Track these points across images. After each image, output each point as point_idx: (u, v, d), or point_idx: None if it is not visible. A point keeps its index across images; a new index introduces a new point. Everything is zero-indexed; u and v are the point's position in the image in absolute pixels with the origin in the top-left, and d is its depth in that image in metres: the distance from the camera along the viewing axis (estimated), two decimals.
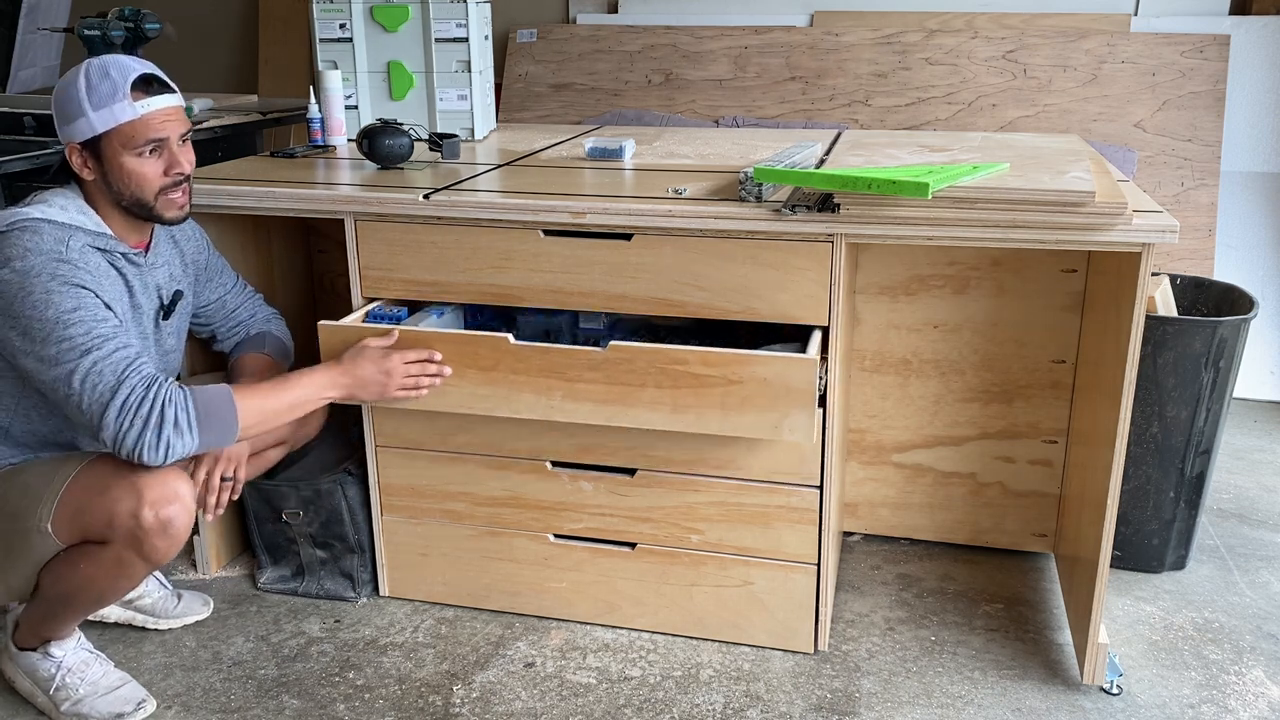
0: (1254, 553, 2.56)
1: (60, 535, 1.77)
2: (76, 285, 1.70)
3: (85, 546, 1.79)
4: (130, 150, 1.77)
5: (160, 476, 1.74)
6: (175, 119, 1.81)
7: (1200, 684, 2.06)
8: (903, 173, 1.82)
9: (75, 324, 1.68)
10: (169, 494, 1.74)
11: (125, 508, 1.72)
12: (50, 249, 1.71)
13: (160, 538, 1.74)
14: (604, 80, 4.02)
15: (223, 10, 4.82)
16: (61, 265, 1.70)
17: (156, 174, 1.80)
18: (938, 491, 2.53)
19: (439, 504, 2.26)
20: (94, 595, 1.84)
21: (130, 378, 1.69)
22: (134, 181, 1.79)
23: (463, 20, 2.65)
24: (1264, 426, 3.33)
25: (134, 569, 1.79)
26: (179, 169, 1.82)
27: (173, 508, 1.74)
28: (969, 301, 2.38)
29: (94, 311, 1.71)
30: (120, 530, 1.74)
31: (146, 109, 1.76)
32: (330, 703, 2.02)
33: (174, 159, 1.81)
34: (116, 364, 1.69)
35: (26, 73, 3.81)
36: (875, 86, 3.78)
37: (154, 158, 1.79)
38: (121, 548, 1.75)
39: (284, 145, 3.11)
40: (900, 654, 2.16)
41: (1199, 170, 3.50)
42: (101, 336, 1.69)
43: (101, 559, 1.78)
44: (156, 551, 1.76)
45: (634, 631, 2.23)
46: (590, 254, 2.02)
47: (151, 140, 1.78)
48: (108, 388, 1.67)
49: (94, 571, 1.79)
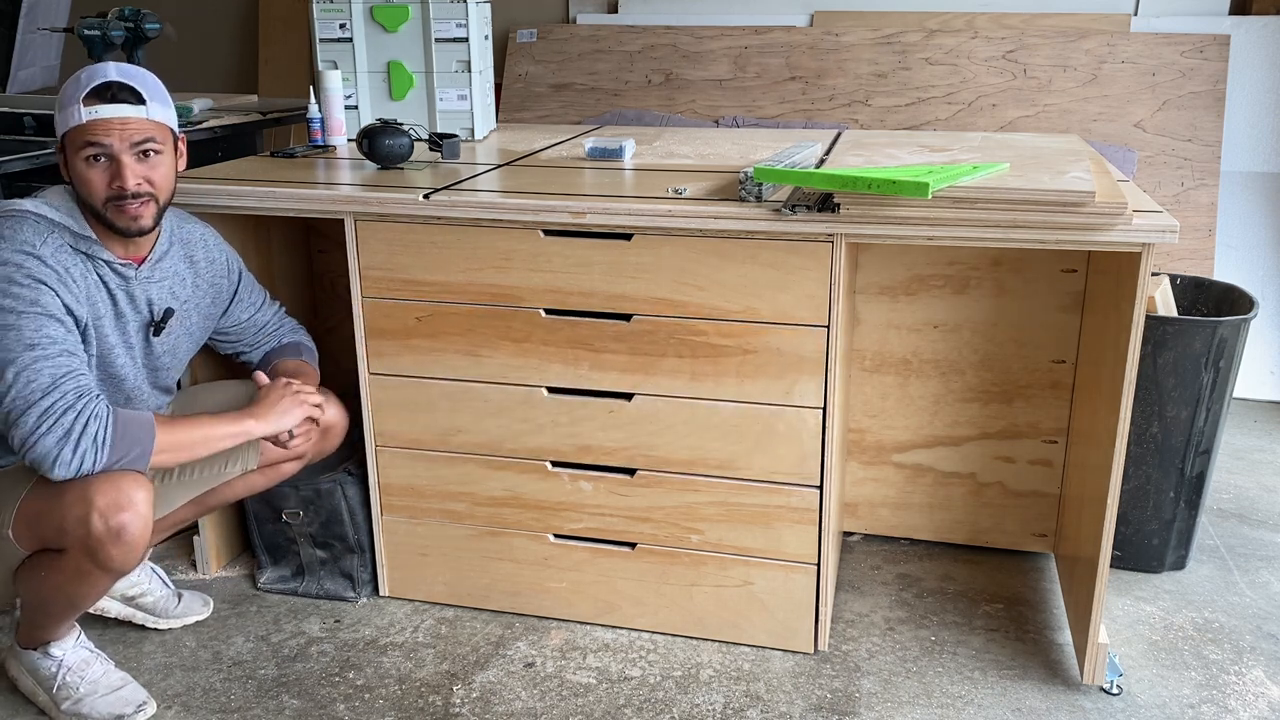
0: (1254, 553, 2.56)
1: (21, 543, 1.76)
2: (39, 281, 1.69)
3: (47, 554, 1.76)
4: (77, 154, 1.75)
5: (113, 482, 1.68)
6: (126, 129, 1.75)
7: (1200, 684, 2.06)
8: (903, 173, 1.82)
9: (27, 318, 1.66)
10: (121, 501, 1.68)
11: (75, 514, 1.68)
12: (25, 240, 1.70)
13: (114, 545, 1.69)
14: (604, 80, 4.02)
15: (223, 10, 4.82)
16: (29, 259, 1.69)
17: (102, 184, 1.76)
18: (938, 491, 2.53)
19: (439, 504, 2.26)
20: (64, 602, 1.83)
21: (65, 384, 1.66)
22: (84, 186, 1.77)
23: (463, 20, 2.65)
24: (1264, 426, 3.33)
25: (94, 577, 1.76)
26: (120, 183, 1.75)
27: (124, 515, 1.67)
28: (969, 301, 2.38)
29: (50, 310, 1.68)
30: (72, 538, 1.70)
31: (92, 115, 1.72)
32: (330, 703, 2.02)
33: (119, 172, 1.75)
34: (57, 368, 1.66)
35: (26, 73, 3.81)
36: (875, 86, 3.78)
37: (99, 166, 1.75)
38: (77, 556, 1.72)
39: (284, 145, 3.11)
40: (900, 654, 2.16)
41: (1199, 170, 3.50)
42: (51, 339, 1.67)
43: (62, 567, 1.75)
44: (112, 560, 1.70)
45: (634, 631, 2.23)
46: (590, 254, 2.03)
47: (90, 145, 1.73)
48: (39, 388, 1.64)
49: (58, 579, 1.77)
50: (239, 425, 1.88)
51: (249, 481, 2.13)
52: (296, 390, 1.98)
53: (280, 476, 2.17)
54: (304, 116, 2.72)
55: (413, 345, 2.17)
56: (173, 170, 1.86)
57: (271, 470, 2.14)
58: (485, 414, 2.17)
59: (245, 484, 2.13)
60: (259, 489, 2.18)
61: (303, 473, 2.27)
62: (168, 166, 1.84)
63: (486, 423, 2.18)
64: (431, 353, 2.17)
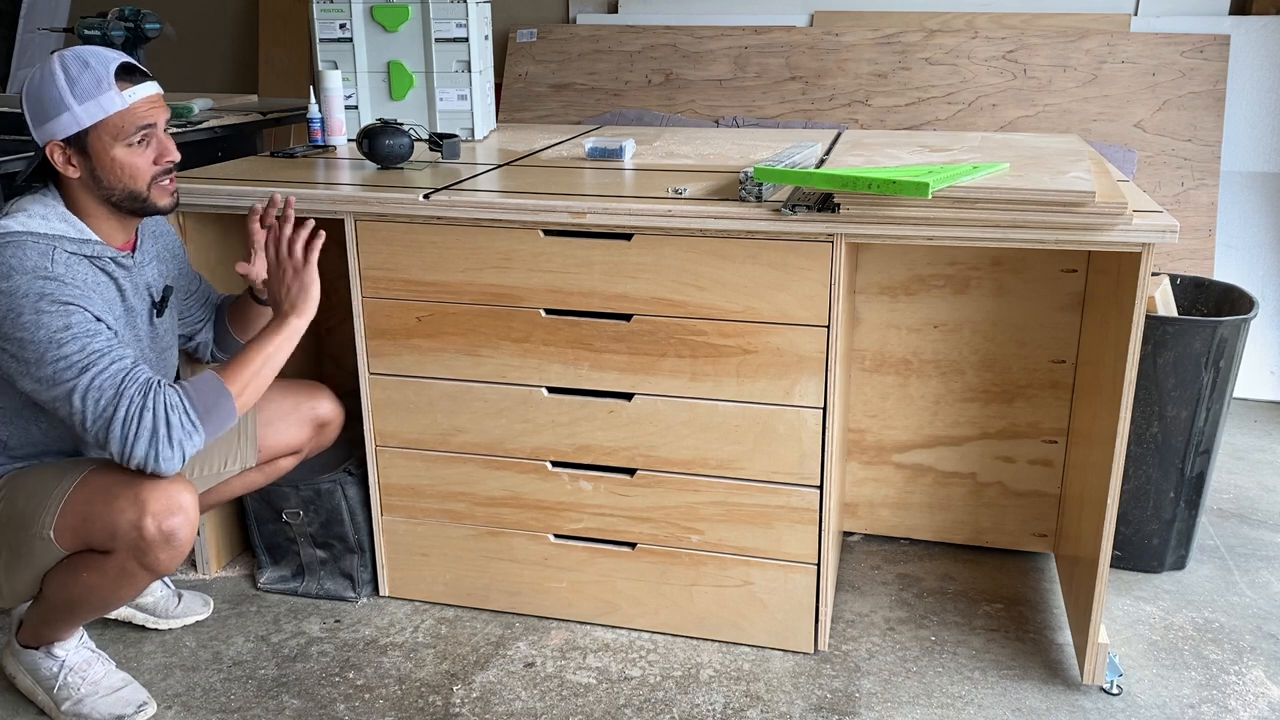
0: (1254, 553, 2.56)
1: (63, 543, 1.76)
2: (64, 302, 1.67)
3: (88, 555, 1.77)
4: (121, 141, 1.73)
5: (164, 487, 1.72)
6: (160, 105, 1.79)
7: (1200, 684, 2.06)
8: (903, 173, 1.82)
9: (68, 342, 1.66)
10: (172, 505, 1.72)
11: (128, 519, 1.70)
12: (35, 265, 1.67)
13: (163, 549, 1.72)
14: (604, 80, 4.02)
15: (223, 10, 4.82)
16: (48, 283, 1.67)
17: (148, 163, 1.77)
18: (938, 491, 2.53)
19: (439, 504, 2.26)
20: (98, 603, 1.84)
21: (128, 389, 1.67)
22: (126, 173, 1.76)
23: (463, 20, 2.65)
24: (1264, 426, 3.33)
25: (137, 579, 1.78)
26: (170, 156, 1.80)
27: (176, 519, 1.72)
28: (969, 301, 2.38)
29: (85, 327, 1.68)
30: (123, 541, 1.72)
31: (134, 97, 1.73)
32: (330, 703, 2.02)
33: (164, 146, 1.79)
34: (114, 377, 1.67)
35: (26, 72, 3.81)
36: (875, 86, 3.78)
37: (144, 147, 1.76)
38: (124, 558, 1.74)
39: (284, 145, 3.11)
40: (900, 654, 2.16)
41: (1199, 170, 3.50)
42: (96, 352, 1.67)
43: (105, 568, 1.76)
44: (159, 563, 1.74)
45: (634, 631, 2.24)
46: (590, 254, 2.03)
47: (141, 128, 1.74)
48: (109, 402, 1.66)
49: (97, 580, 1.78)
50: (286, 330, 1.86)
51: (247, 479, 2.14)
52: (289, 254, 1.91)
53: (278, 472, 2.18)
54: (304, 116, 2.72)
55: (413, 345, 2.17)
56: None
57: (270, 467, 2.14)
58: (485, 414, 2.17)
59: (244, 481, 2.14)
60: (258, 486, 2.18)
61: (303, 472, 2.27)
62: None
63: (486, 423, 2.18)
64: (431, 353, 2.17)
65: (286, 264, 1.91)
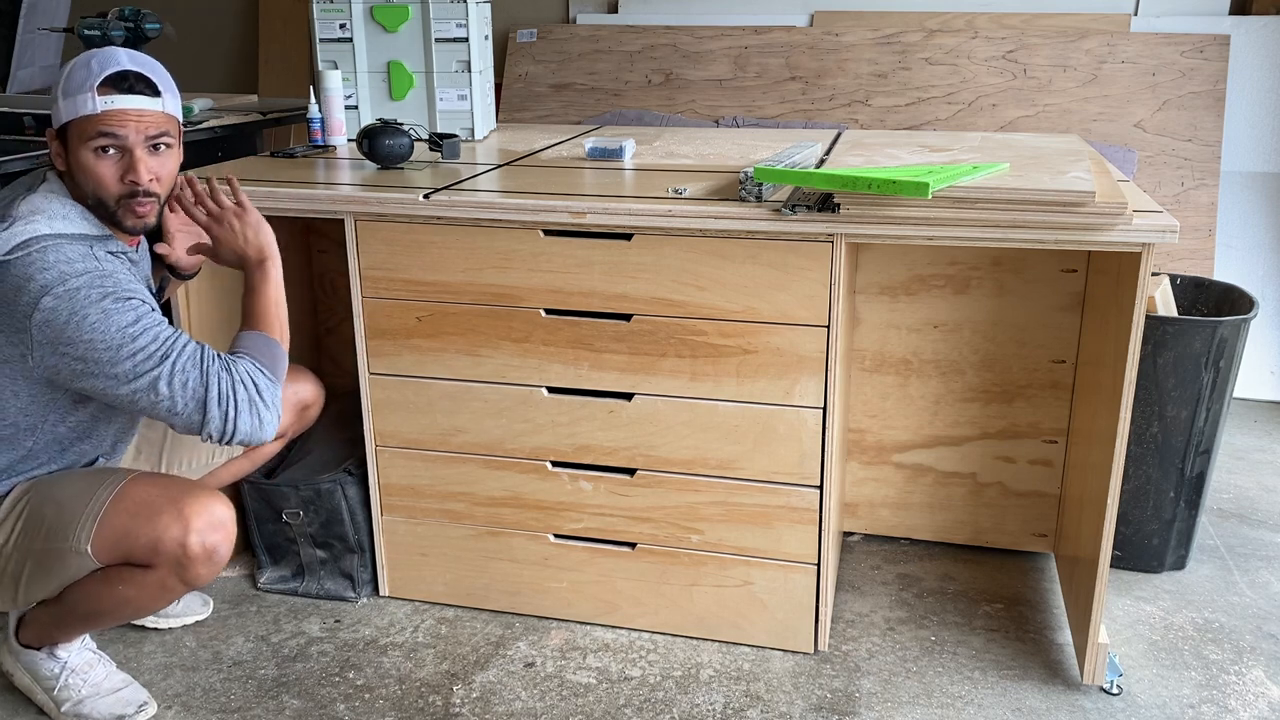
0: (1254, 553, 2.56)
1: (100, 557, 1.74)
2: (125, 297, 1.66)
3: (124, 568, 1.76)
4: (86, 144, 1.68)
5: (205, 502, 1.74)
6: (142, 122, 1.69)
7: (1200, 684, 2.06)
8: (903, 173, 1.82)
9: (141, 335, 1.65)
10: (215, 521, 1.73)
11: (173, 535, 1.70)
12: (84, 267, 1.65)
13: (205, 565, 1.74)
14: (604, 80, 4.02)
15: (223, 10, 4.82)
16: (105, 280, 1.65)
17: (113, 178, 1.70)
18: (938, 491, 2.53)
19: (439, 504, 2.26)
20: (129, 613, 1.86)
21: (210, 367, 1.68)
22: (92, 180, 1.70)
23: (463, 20, 2.65)
24: (1264, 426, 3.33)
25: (175, 592, 1.79)
26: (134, 176, 1.70)
27: (218, 535, 1.74)
28: (969, 301, 2.38)
29: (150, 317, 1.68)
30: (165, 556, 1.72)
31: (108, 105, 1.66)
32: (330, 703, 2.02)
33: (132, 165, 1.70)
34: (193, 358, 1.68)
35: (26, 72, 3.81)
36: (875, 86, 3.78)
37: (110, 159, 1.69)
38: (166, 573, 1.74)
39: (284, 145, 3.11)
40: (900, 654, 2.16)
41: (1199, 170, 3.50)
42: (168, 338, 1.67)
43: (143, 582, 1.76)
44: (200, 578, 1.75)
45: (634, 631, 2.23)
46: (590, 254, 2.03)
47: (104, 135, 1.67)
48: (196, 384, 1.66)
49: (134, 594, 1.78)
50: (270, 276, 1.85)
51: (235, 468, 2.16)
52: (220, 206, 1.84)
53: (264, 457, 2.21)
54: (304, 116, 2.72)
55: (413, 345, 2.17)
56: (178, 165, 1.82)
57: (255, 452, 2.17)
58: (485, 414, 2.17)
59: (231, 471, 2.15)
60: (245, 472, 2.21)
61: (303, 472, 2.27)
62: (175, 160, 1.79)
63: (486, 423, 2.18)
64: (431, 353, 2.17)
65: (224, 216, 1.84)
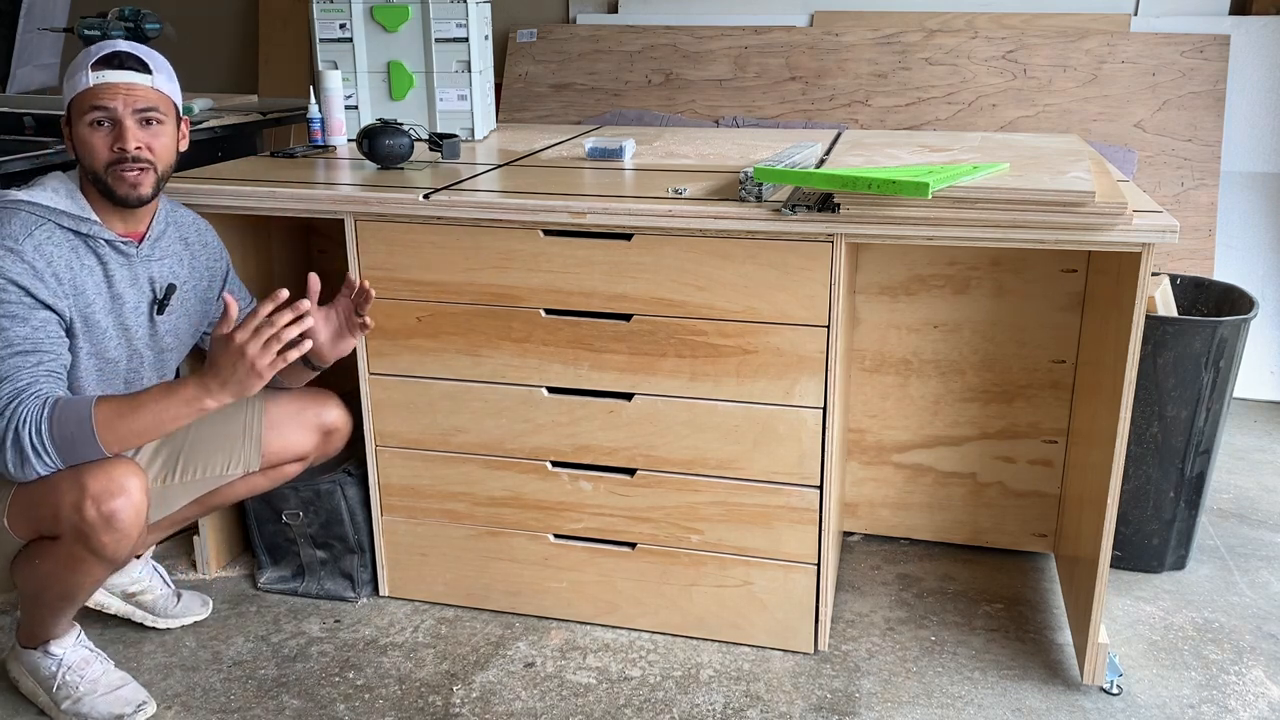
0: (1254, 553, 2.56)
1: (16, 531, 1.77)
2: (10, 280, 1.69)
3: (42, 543, 1.77)
4: (82, 119, 1.78)
5: (106, 469, 1.70)
6: (131, 95, 1.78)
7: (1200, 684, 2.06)
8: (903, 173, 1.82)
9: None
10: (113, 487, 1.69)
11: (69, 501, 1.69)
12: (9, 234, 1.72)
13: (105, 532, 1.70)
14: (604, 80, 4.02)
15: (223, 10, 4.82)
16: (7, 256, 1.70)
17: (104, 146, 1.78)
18: (938, 491, 2.53)
19: (439, 504, 2.26)
20: (60, 590, 1.83)
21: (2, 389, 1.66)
22: (86, 151, 1.79)
23: (463, 20, 2.65)
24: (1264, 426, 3.33)
25: (87, 564, 1.76)
26: (121, 144, 1.77)
27: (117, 501, 1.69)
28: (969, 301, 2.38)
29: (15, 310, 1.69)
30: (66, 525, 1.71)
31: (99, 79, 1.76)
32: (330, 703, 2.02)
33: (121, 134, 1.78)
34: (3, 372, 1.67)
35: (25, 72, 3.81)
36: (875, 86, 3.78)
37: (101, 130, 1.78)
38: (70, 543, 1.73)
39: (284, 145, 3.11)
40: (900, 654, 2.16)
41: (1199, 170, 3.50)
42: (7, 343, 1.68)
43: (56, 555, 1.76)
44: (105, 547, 1.72)
45: (634, 631, 2.23)
46: (590, 254, 2.03)
47: (96, 108, 1.76)
48: None
49: (51, 567, 1.78)
50: (194, 404, 1.72)
51: (251, 482, 2.13)
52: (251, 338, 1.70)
53: (283, 477, 2.17)
54: (304, 116, 2.72)
55: (413, 345, 2.17)
56: (174, 144, 1.88)
57: (274, 471, 2.13)
58: (485, 414, 2.17)
59: (247, 485, 2.13)
60: (261, 490, 2.18)
61: (303, 473, 2.27)
62: (169, 138, 1.86)
63: (486, 423, 2.18)
64: (431, 353, 2.17)
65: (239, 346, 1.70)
